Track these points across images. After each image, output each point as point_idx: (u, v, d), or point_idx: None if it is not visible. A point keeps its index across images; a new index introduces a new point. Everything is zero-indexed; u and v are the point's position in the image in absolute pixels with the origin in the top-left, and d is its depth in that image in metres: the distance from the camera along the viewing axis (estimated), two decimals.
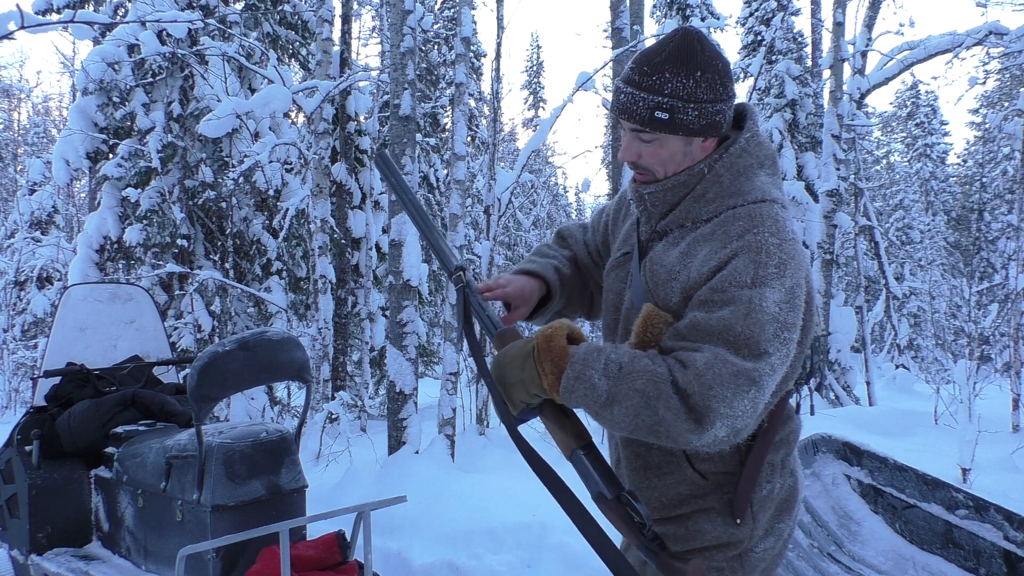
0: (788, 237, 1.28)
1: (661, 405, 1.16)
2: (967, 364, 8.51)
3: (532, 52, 36.37)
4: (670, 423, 1.16)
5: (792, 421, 1.43)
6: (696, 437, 1.16)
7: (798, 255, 1.27)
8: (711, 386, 1.14)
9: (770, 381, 1.19)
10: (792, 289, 1.23)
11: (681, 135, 1.32)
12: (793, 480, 1.42)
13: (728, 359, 1.16)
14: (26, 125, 29.13)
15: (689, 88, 1.29)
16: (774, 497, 1.37)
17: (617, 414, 1.19)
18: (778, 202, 1.34)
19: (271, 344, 2.71)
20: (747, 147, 1.37)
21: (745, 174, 1.36)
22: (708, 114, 1.31)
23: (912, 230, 24.57)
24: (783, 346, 1.21)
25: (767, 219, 1.29)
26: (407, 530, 4.17)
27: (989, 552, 2.81)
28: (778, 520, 1.38)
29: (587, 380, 1.21)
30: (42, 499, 3.21)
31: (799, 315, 1.25)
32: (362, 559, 2.58)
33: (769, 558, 1.37)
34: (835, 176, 9.19)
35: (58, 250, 14.06)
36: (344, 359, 9.69)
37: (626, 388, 1.18)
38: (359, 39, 18.78)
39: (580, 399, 1.22)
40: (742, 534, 1.34)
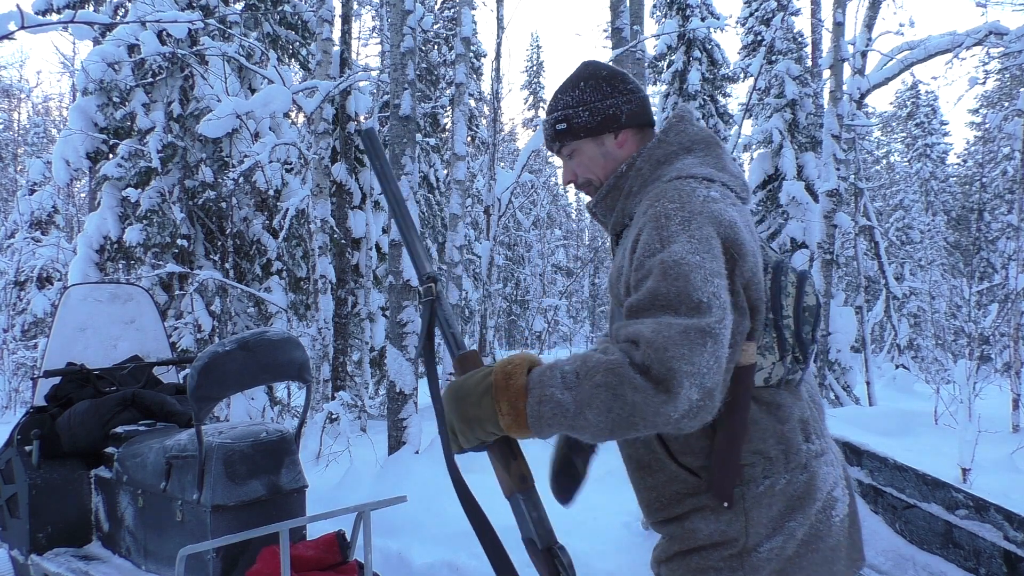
0: (691, 202, 1.27)
1: (627, 389, 1.11)
2: (967, 364, 8.51)
3: (532, 52, 36.39)
4: (641, 403, 1.11)
5: (774, 408, 1.34)
6: (671, 407, 1.11)
7: (708, 213, 1.25)
8: (666, 348, 1.11)
9: (723, 332, 1.15)
10: (704, 239, 1.22)
11: (585, 136, 1.46)
12: (808, 476, 1.32)
13: (671, 321, 1.14)
14: (26, 125, 29.14)
15: (576, 96, 1.46)
16: (777, 492, 1.30)
17: (591, 418, 1.14)
18: (696, 177, 1.34)
19: (271, 344, 2.71)
20: (665, 136, 1.43)
21: (667, 161, 1.40)
22: (599, 111, 1.44)
23: (912, 230, 24.58)
24: (721, 288, 1.18)
25: (670, 191, 1.31)
26: (407, 530, 4.17)
27: (989, 552, 2.81)
28: (788, 519, 1.29)
29: (550, 399, 1.16)
30: (42, 499, 3.21)
31: (720, 263, 1.22)
32: (362, 559, 2.58)
33: (781, 559, 1.28)
34: (835, 176, 9.19)
35: (58, 250, 14.06)
36: (344, 359, 9.69)
37: (588, 388, 1.14)
38: (359, 39, 18.79)
39: (550, 421, 1.16)
40: (734, 532, 1.29)
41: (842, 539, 1.35)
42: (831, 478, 1.35)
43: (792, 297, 1.36)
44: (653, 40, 15.89)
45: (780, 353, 1.33)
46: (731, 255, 1.25)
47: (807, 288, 1.38)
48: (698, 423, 1.15)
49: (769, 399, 1.33)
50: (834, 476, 1.37)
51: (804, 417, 1.36)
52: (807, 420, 1.36)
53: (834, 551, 1.33)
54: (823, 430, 1.42)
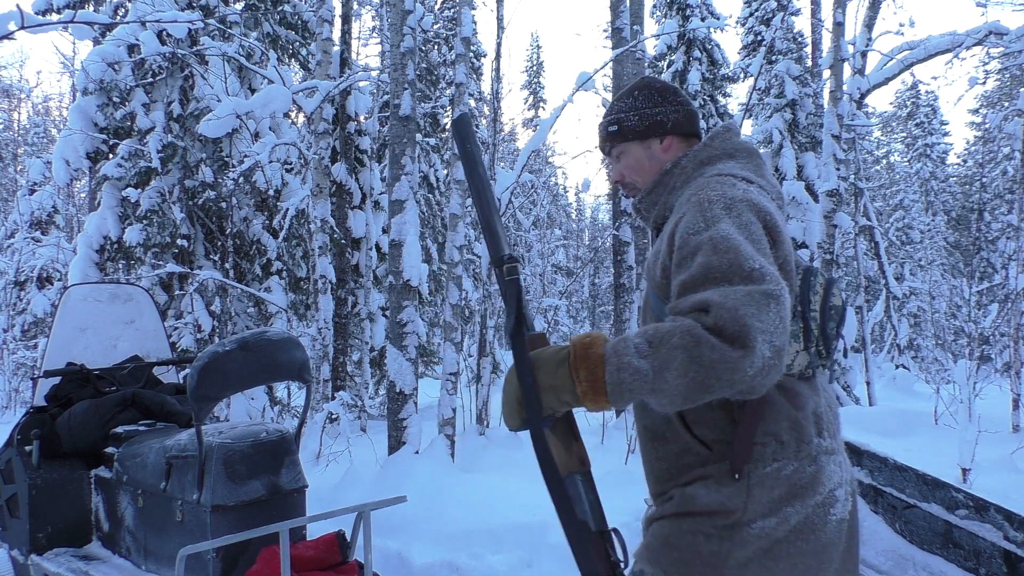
0: (732, 191, 1.36)
1: (704, 349, 1.15)
2: (967, 364, 8.51)
3: (532, 52, 36.38)
4: (719, 361, 1.15)
5: (791, 396, 1.38)
6: (748, 362, 1.15)
7: (748, 200, 1.34)
8: (736, 308, 1.16)
9: (784, 295, 1.21)
10: (746, 223, 1.30)
11: (633, 140, 1.61)
12: (816, 469, 1.36)
13: (733, 288, 1.20)
14: (26, 125, 29.13)
15: (629, 103, 1.62)
16: (782, 477, 1.34)
17: (671, 381, 1.18)
18: (737, 176, 1.43)
19: (271, 344, 2.71)
20: (711, 142, 1.55)
21: (710, 162, 1.52)
22: (648, 117, 1.59)
23: (912, 230, 24.57)
24: (769, 262, 1.25)
25: (712, 182, 1.41)
26: (407, 530, 4.17)
27: (989, 552, 2.81)
28: (787, 504, 1.33)
29: (628, 367, 1.20)
30: (42, 499, 3.21)
31: (765, 246, 1.29)
32: (362, 559, 2.58)
33: (770, 540, 1.32)
34: (835, 176, 9.19)
35: (58, 250, 14.06)
36: (344, 359, 9.69)
37: (665, 353, 1.18)
38: (359, 39, 18.79)
39: (630, 387, 1.20)
40: (733, 505, 1.33)
41: (837, 540, 1.37)
42: (836, 478, 1.39)
43: (820, 296, 1.44)
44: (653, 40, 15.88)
45: (805, 343, 1.41)
46: (771, 237, 1.33)
47: (834, 291, 1.47)
48: (769, 382, 1.19)
49: (789, 386, 1.39)
50: (839, 477, 1.40)
51: (818, 411, 1.40)
52: (821, 415, 1.41)
53: (826, 548, 1.35)
54: (836, 432, 1.46)
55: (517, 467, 5.85)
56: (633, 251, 8.05)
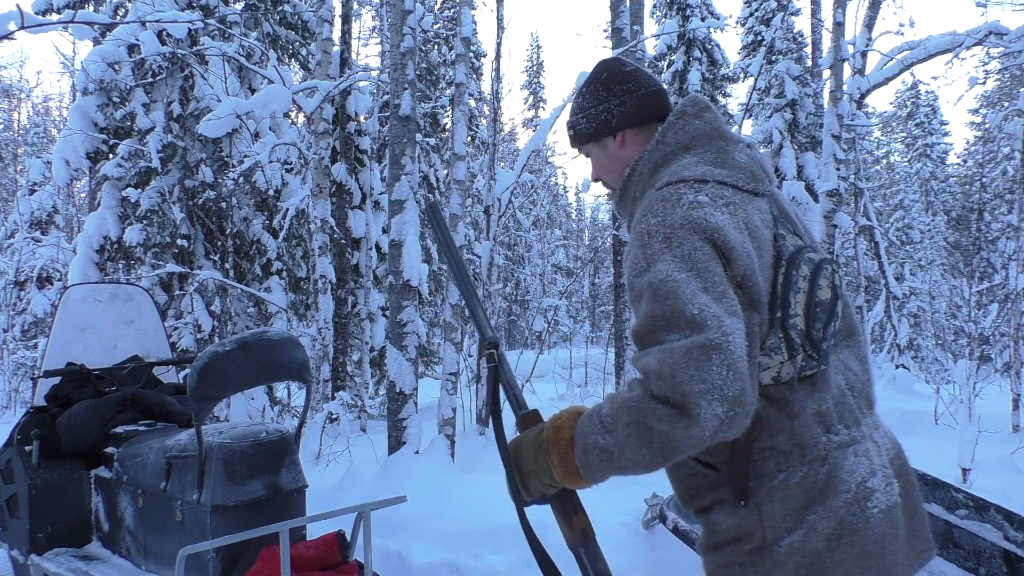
0: (672, 215, 1.27)
1: (652, 420, 1.15)
2: (967, 364, 8.50)
3: (532, 52, 36.38)
4: (670, 431, 1.14)
5: (783, 404, 1.31)
6: (697, 428, 1.12)
7: (690, 223, 1.25)
8: (673, 375, 1.13)
9: (728, 339, 1.14)
10: (689, 255, 1.22)
11: (588, 142, 1.56)
12: (829, 468, 1.28)
13: (672, 345, 1.16)
14: (26, 125, 29.13)
15: (578, 103, 1.56)
16: (792, 486, 1.27)
17: (632, 456, 1.19)
18: (687, 180, 1.33)
19: (271, 344, 2.71)
20: (663, 137, 1.44)
21: (664, 163, 1.42)
22: (594, 116, 1.52)
23: (912, 230, 24.57)
24: (716, 300, 1.18)
25: (655, 203, 1.32)
26: (407, 530, 4.17)
27: (989, 552, 2.81)
28: (808, 512, 1.26)
29: (594, 446, 1.22)
30: (42, 499, 3.21)
31: (712, 273, 1.21)
32: (362, 559, 2.58)
33: (807, 554, 1.25)
34: (835, 176, 9.19)
35: (58, 250, 14.06)
36: (344, 359, 9.69)
37: (622, 429, 1.19)
38: (359, 39, 18.79)
39: (599, 466, 1.22)
40: (749, 526, 1.29)
41: (889, 531, 1.29)
42: (863, 468, 1.30)
43: (804, 293, 1.32)
44: (653, 40, 15.87)
45: (788, 353, 1.31)
46: (723, 256, 1.25)
47: (821, 281, 1.33)
48: (737, 429, 1.16)
49: (778, 395, 1.31)
50: (868, 467, 1.31)
51: (822, 409, 1.32)
52: (826, 412, 1.32)
53: (880, 544, 1.27)
54: (859, 418, 1.36)
55: None
56: None
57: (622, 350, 8.64)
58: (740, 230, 1.28)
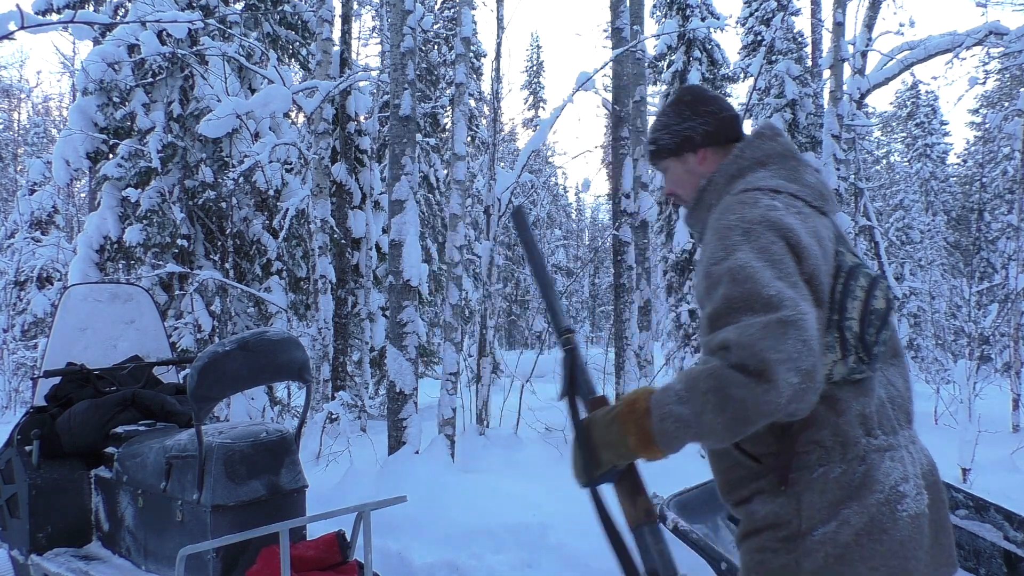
0: (751, 213, 1.38)
1: (731, 388, 1.21)
2: (967, 364, 8.51)
3: (532, 52, 36.37)
4: (748, 397, 1.20)
5: (832, 402, 1.39)
6: (775, 394, 1.19)
7: (767, 220, 1.36)
8: (753, 344, 1.20)
9: (804, 318, 1.23)
10: (766, 247, 1.32)
11: (668, 157, 1.66)
12: (866, 468, 1.36)
13: (750, 321, 1.23)
14: (26, 125, 29.13)
15: (662, 121, 1.67)
16: (831, 480, 1.36)
17: (709, 421, 1.24)
18: (763, 189, 1.45)
19: (271, 344, 2.71)
20: (741, 152, 1.56)
21: (740, 175, 1.54)
22: (678, 133, 1.63)
23: (912, 230, 24.55)
24: (788, 283, 1.28)
25: (734, 204, 1.44)
26: (407, 530, 4.17)
27: (989, 552, 2.81)
28: (843, 506, 1.34)
29: (671, 415, 1.27)
30: (42, 499, 3.21)
31: (786, 265, 1.31)
32: (362, 559, 2.58)
33: (837, 545, 1.33)
34: (835, 176, 9.19)
35: (58, 250, 14.07)
36: (344, 359, 9.69)
37: (699, 397, 1.24)
38: (359, 39, 18.79)
39: (675, 433, 1.28)
40: (787, 514, 1.37)
41: (915, 536, 1.36)
42: (896, 473, 1.38)
43: (860, 301, 1.41)
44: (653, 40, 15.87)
45: (842, 352, 1.39)
46: (795, 254, 1.34)
47: (876, 292, 1.43)
48: (807, 404, 1.22)
49: (828, 393, 1.38)
50: (902, 472, 1.39)
51: (866, 412, 1.40)
52: (869, 416, 1.40)
53: (905, 546, 1.35)
54: (896, 429, 1.44)
55: (517, 467, 5.85)
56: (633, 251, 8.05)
57: (622, 350, 8.64)
58: (810, 234, 1.39)
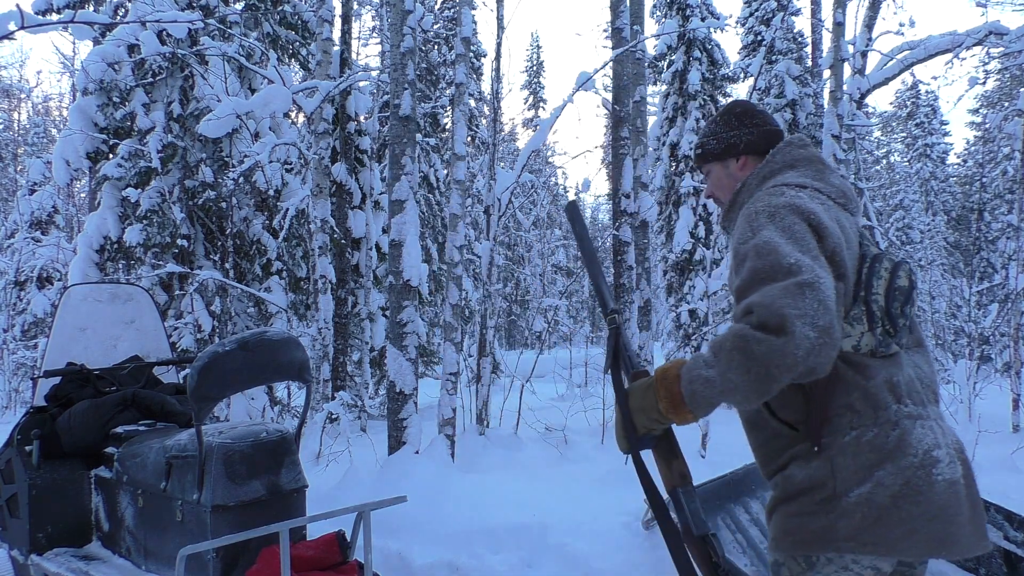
0: (777, 200, 1.53)
1: (753, 345, 1.31)
2: (967, 364, 8.51)
3: (532, 52, 36.36)
4: (768, 351, 1.30)
5: (860, 369, 1.49)
6: (793, 346, 1.29)
7: (791, 205, 1.50)
8: (772, 302, 1.33)
9: (820, 281, 1.35)
10: (787, 227, 1.46)
11: (713, 160, 1.83)
12: (900, 432, 1.43)
13: (772, 286, 1.36)
14: (26, 125, 29.12)
15: (711, 128, 1.84)
16: (864, 443, 1.43)
17: (735, 380, 1.34)
18: (790, 184, 1.60)
19: (271, 344, 2.71)
20: (773, 157, 1.73)
21: (771, 176, 1.70)
22: (724, 139, 1.80)
23: (912, 230, 24.55)
24: (809, 255, 1.40)
25: (764, 195, 1.59)
26: (407, 530, 4.17)
27: (989, 552, 2.81)
28: (878, 468, 1.41)
29: (699, 378, 1.39)
30: (42, 499, 3.21)
31: (807, 241, 1.44)
32: (362, 559, 2.58)
33: (874, 506, 1.39)
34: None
35: (58, 250, 14.06)
36: (344, 359, 9.69)
37: (724, 358, 1.36)
38: (359, 39, 18.79)
39: (703, 395, 1.38)
40: (822, 476, 1.45)
41: (952, 501, 1.41)
42: (929, 439, 1.45)
43: (885, 280, 1.54)
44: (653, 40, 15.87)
45: (869, 324, 1.51)
46: (817, 233, 1.47)
47: (900, 273, 1.56)
48: (825, 359, 1.32)
49: (857, 360, 1.50)
50: (933, 439, 1.45)
51: (893, 380, 1.49)
52: (896, 383, 1.49)
53: (943, 510, 1.40)
54: (926, 402, 1.52)
55: (517, 467, 5.85)
56: (633, 251, 8.05)
57: None
58: (832, 220, 1.52)
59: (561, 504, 4.37)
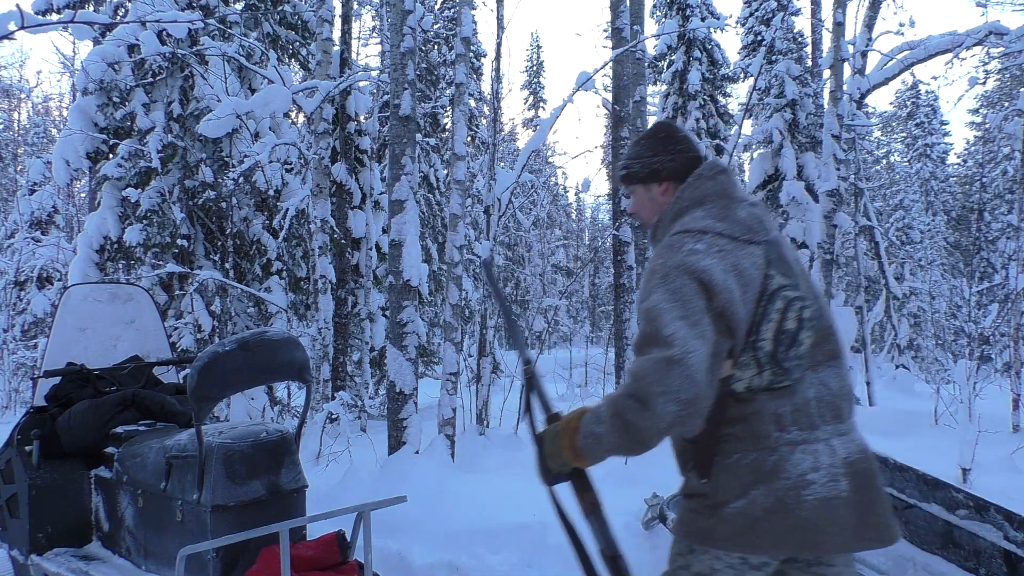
0: (675, 257, 1.64)
1: (627, 414, 1.52)
2: (967, 364, 8.51)
3: (532, 52, 36.35)
4: (636, 421, 1.51)
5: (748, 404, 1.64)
6: (655, 421, 1.49)
7: (684, 265, 1.61)
8: (642, 377, 1.51)
9: (689, 356, 1.50)
10: (677, 289, 1.58)
11: (637, 183, 1.89)
12: (777, 458, 1.60)
13: (650, 356, 1.53)
14: (26, 125, 29.12)
15: (636, 151, 1.90)
16: (743, 466, 1.62)
17: (615, 440, 1.56)
18: (692, 230, 1.69)
19: (271, 344, 2.71)
20: (683, 193, 1.80)
21: (680, 215, 1.78)
22: (648, 165, 1.86)
23: (912, 230, 24.53)
24: (689, 326, 1.53)
25: (664, 248, 1.71)
26: (407, 530, 4.17)
27: (989, 552, 2.81)
28: (752, 488, 1.60)
29: (590, 433, 1.61)
30: (42, 499, 3.21)
31: (693, 304, 1.56)
32: (362, 559, 2.58)
33: (748, 518, 1.58)
34: (835, 176, 9.19)
35: (58, 250, 14.06)
36: (344, 359, 9.69)
37: (608, 420, 1.57)
38: (359, 39, 18.78)
39: (594, 448, 1.62)
40: (707, 489, 1.66)
41: (825, 515, 1.58)
42: (806, 464, 1.60)
43: (774, 323, 1.64)
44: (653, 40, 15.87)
45: (757, 369, 1.63)
46: (707, 292, 1.58)
47: (789, 314, 1.65)
48: (691, 426, 1.54)
49: (747, 398, 1.65)
50: (812, 463, 1.60)
51: (779, 412, 1.63)
52: (781, 414, 1.63)
53: (812, 523, 1.57)
54: (817, 425, 1.64)
55: (517, 467, 5.85)
56: (633, 251, 8.05)
57: (622, 350, 8.64)
58: (727, 272, 1.61)
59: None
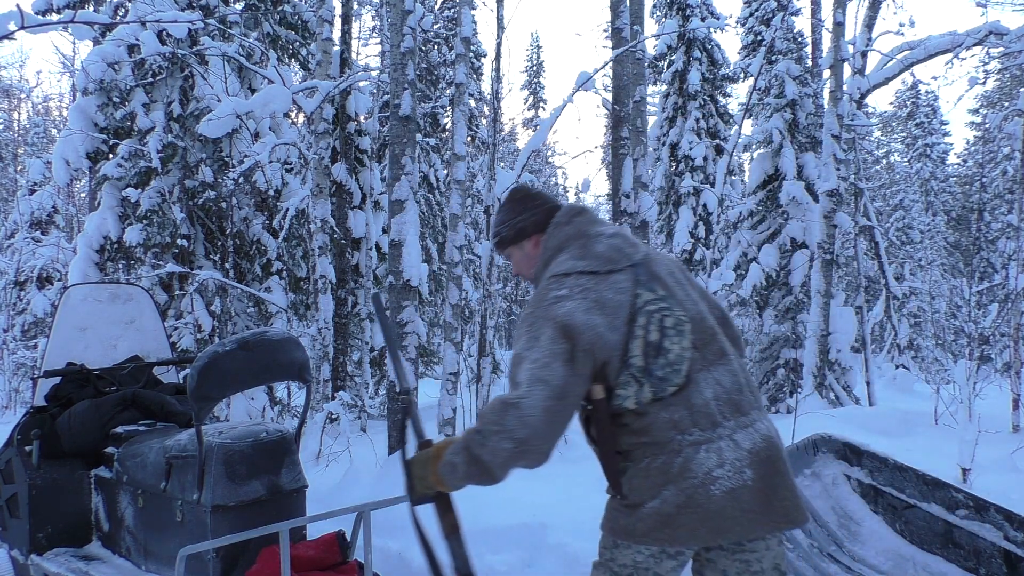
0: (539, 307, 1.80)
1: (473, 448, 1.71)
2: (967, 364, 8.51)
3: (532, 52, 36.36)
4: (480, 456, 1.70)
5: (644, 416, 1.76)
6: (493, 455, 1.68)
7: (547, 314, 1.77)
8: (485, 417, 1.71)
9: (525, 400, 1.67)
10: (536, 337, 1.75)
11: (510, 246, 2.08)
12: (683, 459, 1.72)
13: (500, 399, 1.72)
14: (26, 125, 29.12)
15: (500, 217, 2.10)
16: (653, 469, 1.75)
17: (468, 470, 1.74)
18: (557, 275, 1.85)
19: (271, 344, 2.71)
20: (546, 243, 1.98)
21: (547, 263, 1.95)
22: (514, 226, 2.05)
23: (912, 230, 24.54)
24: (541, 370, 1.70)
25: (535, 296, 1.87)
26: (407, 530, 4.15)
27: (989, 552, 2.81)
28: (664, 488, 1.72)
29: (449, 463, 1.78)
30: (42, 499, 3.21)
31: (548, 350, 1.71)
32: (362, 559, 2.58)
33: (662, 515, 1.72)
34: (835, 176, 9.19)
35: (58, 250, 14.06)
36: (344, 359, 9.69)
37: (461, 452, 1.75)
38: (359, 39, 18.79)
39: (451, 476, 1.79)
40: (624, 491, 1.80)
41: (729, 504, 1.70)
42: (711, 462, 1.72)
43: (641, 339, 1.76)
44: (653, 40, 15.87)
45: (637, 385, 1.76)
46: (569, 336, 1.73)
47: (651, 327, 1.77)
48: (529, 461, 1.70)
49: (641, 411, 1.77)
50: (717, 460, 1.72)
51: (675, 418, 1.75)
52: (679, 420, 1.75)
53: (720, 513, 1.70)
54: (719, 422, 1.76)
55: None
56: None
57: None
58: (589, 310, 1.76)
59: (561, 504, 4.37)
